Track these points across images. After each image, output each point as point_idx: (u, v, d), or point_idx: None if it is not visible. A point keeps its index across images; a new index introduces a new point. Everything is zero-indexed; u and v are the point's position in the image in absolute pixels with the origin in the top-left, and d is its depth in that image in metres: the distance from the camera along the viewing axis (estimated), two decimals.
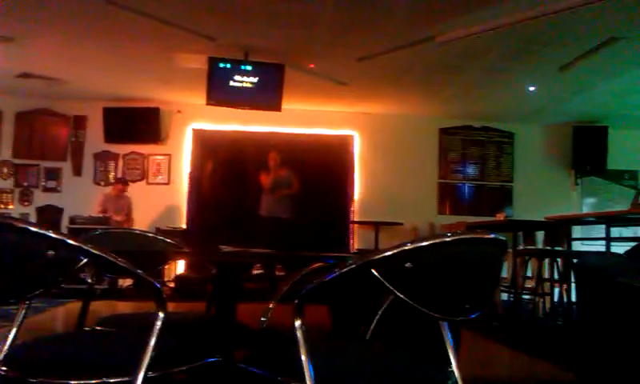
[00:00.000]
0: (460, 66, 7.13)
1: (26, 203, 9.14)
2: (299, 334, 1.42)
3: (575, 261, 5.32)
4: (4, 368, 1.48)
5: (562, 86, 7.79)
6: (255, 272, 7.95)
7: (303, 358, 1.39)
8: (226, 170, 9.19)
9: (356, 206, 9.57)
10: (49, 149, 9.26)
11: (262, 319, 2.33)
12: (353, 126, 9.66)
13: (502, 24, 5.47)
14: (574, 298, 5.73)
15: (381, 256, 1.41)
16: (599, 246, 6.34)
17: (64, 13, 5.88)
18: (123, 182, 8.78)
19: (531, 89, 7.90)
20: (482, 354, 4.83)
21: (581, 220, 7.13)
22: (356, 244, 9.52)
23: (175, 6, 5.64)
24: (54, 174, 9.24)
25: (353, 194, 9.61)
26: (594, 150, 9.47)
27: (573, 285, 5.71)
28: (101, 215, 8.23)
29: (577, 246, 7.02)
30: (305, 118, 9.32)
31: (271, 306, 2.36)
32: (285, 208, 8.36)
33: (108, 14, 5.77)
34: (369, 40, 6.33)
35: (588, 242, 7.11)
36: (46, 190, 9.21)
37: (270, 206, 8.39)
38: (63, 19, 6.06)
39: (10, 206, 9.11)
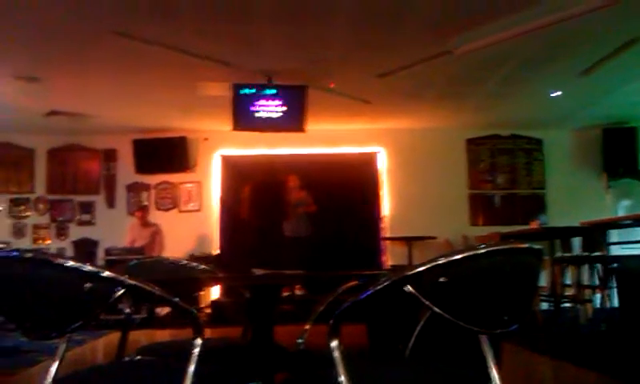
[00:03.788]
0: (481, 76, 7.08)
1: (62, 237, 9.32)
2: (336, 354, 1.41)
3: (615, 265, 5.20)
4: None
5: (586, 90, 7.66)
6: (285, 294, 7.97)
7: (342, 378, 1.38)
8: (255, 193, 9.24)
9: (387, 222, 9.53)
10: (81, 183, 9.46)
11: (299, 341, 2.32)
12: (379, 143, 9.65)
13: (519, 32, 5.41)
14: (616, 304, 5.59)
15: (415, 272, 1.39)
16: (639, 250, 6.18)
17: (85, 50, 6.03)
18: (141, 208, 8.90)
19: (555, 94, 7.80)
20: (525, 366, 4.73)
21: (617, 223, 6.96)
22: (389, 260, 9.45)
23: (196, 37, 5.72)
24: (87, 207, 9.42)
25: (383, 211, 9.57)
26: (625, 152, 9.29)
27: (614, 290, 5.57)
28: (129, 245, 8.35)
29: (615, 250, 6.85)
30: (330, 137, 9.34)
31: (307, 327, 2.35)
32: (307, 227, 8.57)
33: (128, 48, 5.88)
34: (387, 56, 6.33)
35: (627, 245, 6.93)
36: (81, 223, 9.39)
37: (292, 227, 8.59)
38: (84, 56, 6.21)
39: (48, 241, 9.30)
